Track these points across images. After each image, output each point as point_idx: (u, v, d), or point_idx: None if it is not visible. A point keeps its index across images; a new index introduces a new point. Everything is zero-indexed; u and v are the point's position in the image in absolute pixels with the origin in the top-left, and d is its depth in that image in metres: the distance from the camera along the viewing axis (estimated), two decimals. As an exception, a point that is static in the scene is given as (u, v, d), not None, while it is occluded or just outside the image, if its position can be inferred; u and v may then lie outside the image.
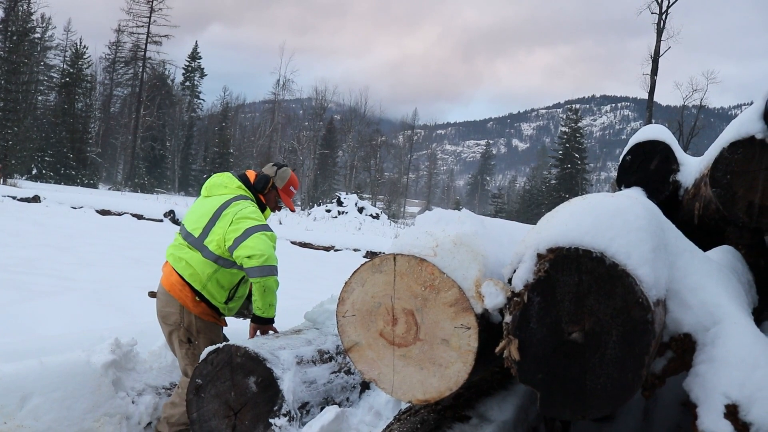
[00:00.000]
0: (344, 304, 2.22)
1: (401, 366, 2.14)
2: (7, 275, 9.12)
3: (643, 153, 3.97)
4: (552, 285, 1.75)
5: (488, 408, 2.61)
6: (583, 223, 1.77)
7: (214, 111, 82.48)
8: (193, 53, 74.25)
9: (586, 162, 67.08)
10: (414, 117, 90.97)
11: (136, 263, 12.09)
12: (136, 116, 65.73)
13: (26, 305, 7.36)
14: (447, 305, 2.04)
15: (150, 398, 4.06)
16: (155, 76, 69.15)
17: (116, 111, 73.82)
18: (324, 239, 20.15)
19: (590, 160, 73.62)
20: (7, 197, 23.51)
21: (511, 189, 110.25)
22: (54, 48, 66.82)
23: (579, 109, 74.56)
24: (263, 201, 4.28)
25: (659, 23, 38.64)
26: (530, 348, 1.80)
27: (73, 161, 53.89)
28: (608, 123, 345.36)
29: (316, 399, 3.41)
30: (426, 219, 2.29)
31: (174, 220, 22.56)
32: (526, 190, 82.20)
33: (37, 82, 58.85)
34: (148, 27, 67.22)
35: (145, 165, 63.93)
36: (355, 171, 74.29)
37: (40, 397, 3.45)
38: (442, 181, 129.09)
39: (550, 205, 61.73)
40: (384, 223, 39.28)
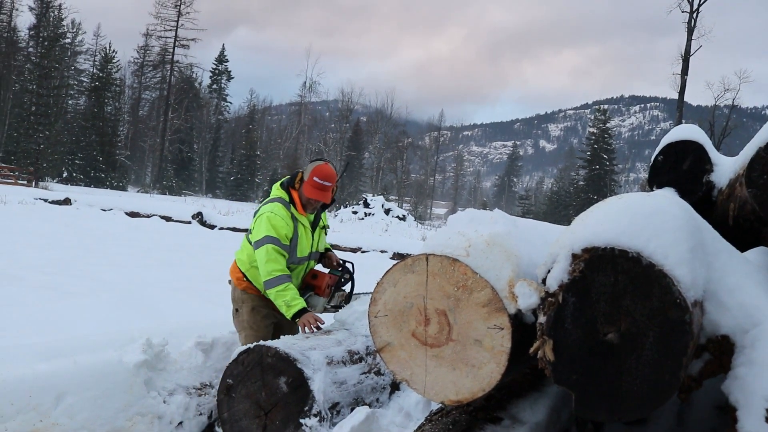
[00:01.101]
0: (376, 304, 2.22)
1: (433, 366, 2.14)
2: (39, 276, 9.26)
3: (676, 153, 3.91)
4: (587, 285, 1.74)
5: (520, 409, 2.60)
6: (619, 223, 1.75)
7: (241, 113, 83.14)
8: (220, 56, 74.89)
9: (615, 163, 66.36)
10: (440, 118, 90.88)
11: (164, 265, 12.22)
12: (164, 119, 66.45)
13: (58, 305, 7.47)
14: (480, 305, 2.03)
15: (181, 398, 4.07)
16: (183, 80, 69.83)
17: (144, 114, 74.67)
18: (351, 241, 20.16)
19: (619, 161, 72.79)
20: (39, 200, 23.89)
21: (538, 190, 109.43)
22: (84, 53, 67.98)
23: (607, 110, 73.83)
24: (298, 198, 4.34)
25: (690, 22, 38.12)
26: (565, 349, 1.78)
27: (103, 164, 54.58)
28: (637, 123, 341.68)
29: (347, 400, 3.41)
30: (458, 219, 2.28)
31: (202, 221, 22.69)
32: (554, 191, 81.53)
33: (68, 87, 59.80)
34: (176, 31, 67.96)
35: (173, 167, 64.55)
36: (381, 173, 74.32)
37: (74, 395, 3.49)
38: (469, 182, 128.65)
39: (578, 207, 61.37)
40: (410, 224, 39.23)
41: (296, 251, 4.29)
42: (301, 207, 4.29)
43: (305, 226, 4.32)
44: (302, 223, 4.30)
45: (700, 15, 38.06)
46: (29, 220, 17.28)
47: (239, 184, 66.25)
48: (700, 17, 38.11)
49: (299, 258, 4.31)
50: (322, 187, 4.20)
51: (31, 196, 24.48)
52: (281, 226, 4.17)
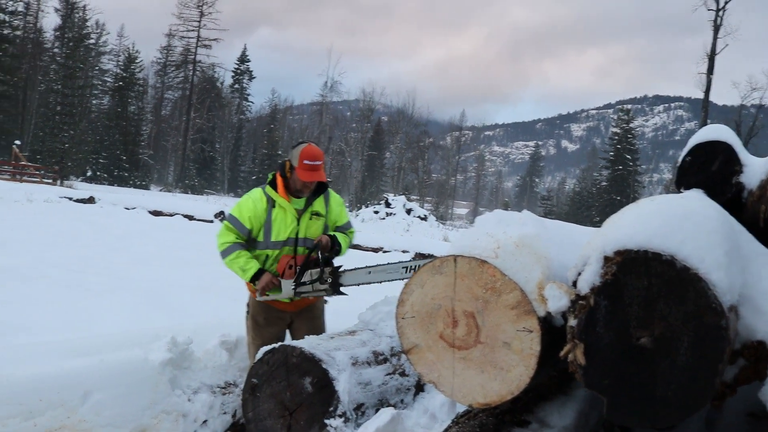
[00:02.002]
0: (403, 305, 2.21)
1: (461, 369, 2.12)
2: (64, 274, 9.36)
3: (704, 154, 3.85)
4: (620, 288, 1.71)
5: (547, 413, 2.57)
6: (651, 225, 1.72)
7: (263, 113, 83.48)
8: (242, 56, 75.24)
9: (638, 164, 65.64)
10: (462, 118, 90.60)
11: (187, 263, 12.27)
12: (186, 119, 66.92)
13: (83, 303, 7.55)
14: (509, 308, 2.01)
15: (205, 396, 4.10)
16: (205, 79, 70.28)
17: (167, 114, 75.24)
18: (372, 241, 20.15)
19: (642, 162, 72.07)
20: (64, 198, 24.14)
21: (560, 191, 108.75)
22: (108, 53, 68.69)
23: (631, 110, 73.10)
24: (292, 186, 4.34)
25: (716, 20, 37.63)
26: (596, 353, 1.76)
27: (126, 163, 55.07)
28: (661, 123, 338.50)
29: (371, 400, 3.40)
30: (486, 220, 2.27)
31: (224, 221, 22.80)
32: (576, 192, 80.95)
33: (92, 87, 60.44)
34: (198, 31, 68.42)
35: (195, 166, 64.96)
36: (402, 172, 74.26)
37: (101, 393, 3.52)
38: (490, 182, 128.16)
39: (601, 208, 60.95)
40: (432, 224, 39.11)
41: (270, 234, 4.26)
42: (283, 191, 4.26)
43: (285, 209, 4.25)
44: (282, 206, 4.25)
45: (726, 13, 37.59)
46: (54, 218, 17.46)
47: (261, 183, 66.16)
48: (726, 15, 37.63)
49: (274, 242, 4.26)
50: (313, 167, 4.16)
51: (56, 194, 24.74)
52: (247, 208, 4.28)
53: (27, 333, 6.00)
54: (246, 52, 75.46)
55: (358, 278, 4.15)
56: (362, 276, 4.13)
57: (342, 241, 4.36)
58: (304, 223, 4.30)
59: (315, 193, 4.37)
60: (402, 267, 3.87)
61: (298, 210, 4.30)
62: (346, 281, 4.18)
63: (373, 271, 4.08)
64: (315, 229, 4.34)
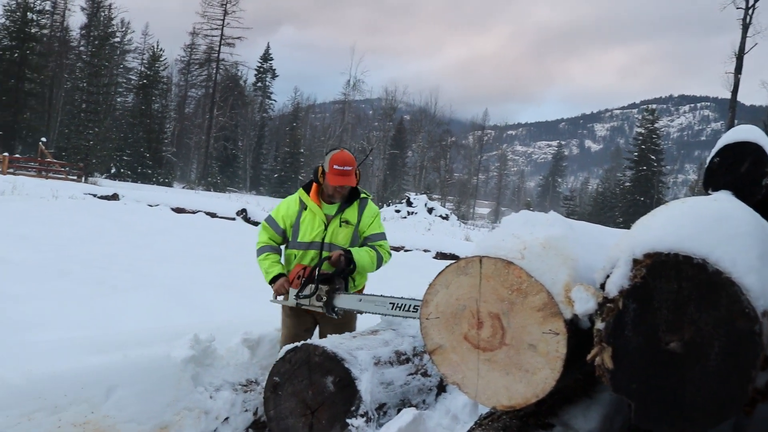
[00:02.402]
0: (428, 306, 2.20)
1: (486, 370, 2.10)
2: (88, 270, 9.45)
3: (733, 155, 3.78)
4: (649, 292, 1.68)
5: (572, 416, 2.54)
6: (683, 227, 1.69)
7: (285, 111, 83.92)
8: (265, 54, 75.68)
9: (663, 164, 65.00)
10: (484, 117, 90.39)
11: (210, 260, 12.34)
12: (209, 117, 67.40)
13: (106, 300, 7.61)
14: (535, 310, 1.98)
15: (227, 394, 4.10)
16: (228, 78, 70.72)
17: (191, 111, 75.83)
18: (394, 239, 20.00)
19: (667, 162, 71.29)
20: (89, 195, 24.38)
21: (583, 191, 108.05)
22: (132, 51, 69.50)
23: (656, 110, 72.49)
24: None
25: (745, 18, 37.05)
26: (625, 356, 1.73)
27: (150, 160, 55.54)
28: (687, 124, 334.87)
29: (393, 400, 3.39)
30: (512, 221, 2.24)
31: (246, 218, 22.90)
32: (599, 192, 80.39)
33: (117, 84, 61.14)
34: (222, 29, 68.85)
35: (217, 164, 65.38)
36: (424, 171, 74.21)
37: (124, 389, 3.54)
38: (513, 182, 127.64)
39: (624, 208, 60.46)
40: (453, 224, 39.04)
41: (297, 235, 4.41)
42: (315, 195, 4.37)
43: (314, 213, 4.35)
44: (311, 210, 4.36)
45: (756, 11, 36.98)
46: (79, 215, 17.63)
47: (283, 181, 66.81)
48: (756, 13, 37.03)
49: (299, 243, 4.39)
50: (343, 173, 4.23)
51: (80, 191, 25.00)
52: (281, 208, 4.51)
53: (51, 329, 6.05)
54: (269, 50, 75.97)
55: (349, 303, 4.15)
56: (354, 302, 4.13)
57: (359, 259, 4.26)
58: (331, 229, 4.33)
59: (349, 200, 4.40)
60: (389, 303, 3.85)
61: (328, 215, 4.36)
62: (339, 303, 4.17)
63: (364, 300, 4.08)
64: (343, 237, 4.35)
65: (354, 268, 4.26)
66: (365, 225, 4.44)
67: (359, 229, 4.43)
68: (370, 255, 4.33)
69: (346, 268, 4.22)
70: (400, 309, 3.75)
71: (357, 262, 4.23)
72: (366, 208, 4.47)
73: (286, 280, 4.38)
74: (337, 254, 4.22)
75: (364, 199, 4.49)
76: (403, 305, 3.75)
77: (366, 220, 4.44)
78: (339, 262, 4.19)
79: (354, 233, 4.40)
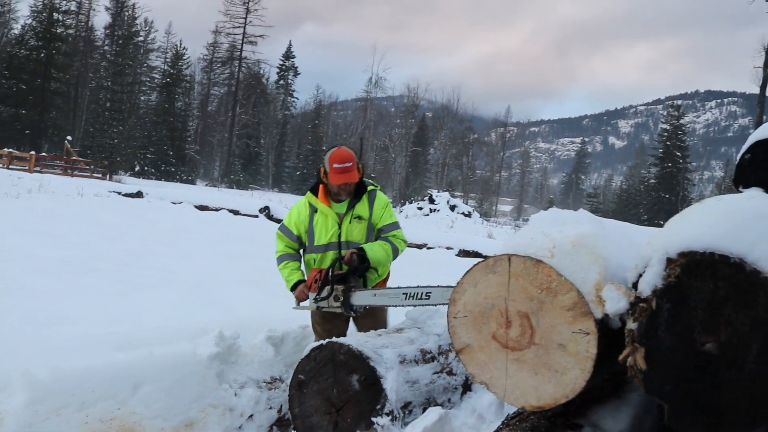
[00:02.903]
0: (456, 304, 2.17)
1: (514, 370, 2.08)
2: (113, 267, 9.54)
3: (765, 151, 3.71)
4: (684, 291, 1.65)
5: (600, 417, 2.50)
6: (719, 226, 1.65)
7: (308, 109, 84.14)
8: (287, 52, 75.95)
9: (689, 161, 64.23)
10: (507, 114, 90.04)
11: (233, 258, 12.41)
12: (232, 114, 67.71)
13: (131, 296, 7.69)
14: (564, 309, 1.96)
15: (252, 391, 4.11)
16: (251, 76, 71.00)
17: (213, 109, 76.23)
18: (416, 237, 20.08)
19: (693, 159, 70.41)
20: (113, 192, 24.66)
21: (607, 188, 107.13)
22: (156, 50, 70.20)
23: (681, 105, 71.58)
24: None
25: (774, 12, 36.44)
26: (658, 357, 1.70)
27: (173, 158, 55.95)
28: (713, 119, 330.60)
29: (419, 399, 3.37)
30: (541, 219, 2.21)
31: (269, 216, 22.98)
32: (623, 189, 79.67)
33: (140, 83, 61.63)
34: (244, 28, 69.08)
35: (240, 162, 65.71)
36: (446, 168, 74.02)
37: (150, 385, 3.56)
38: (535, 179, 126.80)
39: (649, 206, 59.84)
40: (476, 221, 38.89)
41: (313, 239, 4.39)
42: (323, 196, 4.35)
43: (325, 214, 4.33)
44: (322, 211, 4.34)
45: (787, 4, 36.31)
46: (104, 212, 17.83)
47: (305, 178, 67.00)
48: (786, 7, 36.36)
49: (317, 246, 4.38)
50: (343, 170, 4.21)
51: (105, 188, 25.29)
52: (293, 214, 4.51)
53: (78, 324, 6.12)
54: (291, 48, 76.30)
55: (365, 299, 4.14)
56: (368, 298, 4.13)
57: (373, 255, 4.23)
58: (345, 227, 4.32)
59: (357, 195, 4.37)
60: (402, 293, 3.87)
61: (339, 214, 4.34)
62: (356, 301, 4.16)
63: (378, 294, 4.09)
64: (358, 232, 4.33)
65: (368, 265, 4.23)
66: (377, 217, 4.40)
67: (372, 221, 4.40)
68: (384, 248, 4.30)
69: (360, 265, 4.19)
70: (412, 298, 3.79)
71: (371, 258, 4.19)
72: (376, 200, 4.43)
73: (306, 286, 4.40)
74: (349, 253, 4.19)
75: (372, 191, 4.46)
76: (415, 294, 3.78)
77: (377, 212, 4.40)
78: (352, 261, 4.18)
79: (368, 227, 4.38)
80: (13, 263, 8.66)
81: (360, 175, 4.34)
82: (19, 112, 47.64)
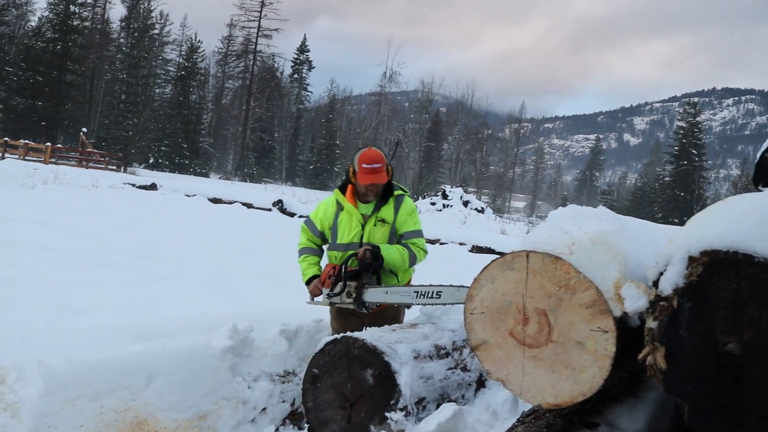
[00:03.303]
0: (473, 300, 2.16)
1: (531, 368, 2.06)
2: (128, 259, 9.59)
3: (786, 150, 3.67)
4: (706, 290, 1.62)
5: (617, 416, 2.48)
6: (743, 224, 1.62)
7: (321, 103, 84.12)
8: (302, 46, 75.90)
9: (705, 159, 63.75)
10: (521, 110, 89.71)
11: (246, 251, 12.44)
12: (246, 108, 67.88)
13: (145, 288, 7.72)
14: (583, 306, 1.94)
15: (265, 384, 4.11)
16: (265, 69, 71.11)
17: (227, 103, 76.46)
18: (429, 232, 19.94)
19: (709, 157, 69.92)
20: (127, 185, 24.78)
21: (621, 186, 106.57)
22: (171, 43, 70.53)
23: (698, 103, 71.04)
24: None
25: (791, 11, 36.03)
26: (679, 357, 1.67)
27: (187, 151, 56.17)
28: (730, 117, 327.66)
29: (433, 395, 3.36)
30: (559, 216, 2.19)
31: (282, 209, 23.01)
32: (638, 187, 79.26)
33: (155, 76, 61.98)
34: (259, 21, 69.18)
35: (254, 155, 65.86)
36: (460, 164, 73.88)
37: (164, 377, 3.57)
38: (549, 176, 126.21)
39: (664, 204, 59.50)
40: (489, 217, 38.77)
41: (336, 236, 4.41)
42: (351, 195, 4.35)
43: (351, 213, 4.33)
44: (348, 210, 4.34)
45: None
46: (118, 204, 17.93)
47: (318, 173, 67.13)
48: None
49: (338, 244, 4.39)
50: (372, 170, 4.19)
51: (120, 180, 25.42)
52: (320, 209, 4.54)
53: (93, 315, 6.16)
54: (305, 42, 76.17)
55: (377, 296, 4.13)
56: (381, 295, 4.12)
57: (388, 255, 4.21)
58: (368, 229, 4.31)
59: (384, 197, 4.35)
60: (413, 291, 3.87)
61: (364, 215, 4.33)
62: (368, 298, 4.14)
63: (390, 292, 4.08)
64: (380, 236, 4.32)
65: (381, 263, 4.20)
66: (401, 222, 4.37)
67: (396, 226, 4.37)
68: (401, 252, 4.27)
69: (373, 262, 4.17)
70: (424, 296, 3.79)
71: (385, 257, 4.17)
72: (402, 205, 4.40)
73: (320, 281, 4.43)
74: (363, 249, 4.18)
75: (400, 196, 4.43)
76: (426, 292, 3.78)
77: (401, 218, 4.37)
78: (365, 257, 4.16)
79: (391, 231, 4.36)
80: (29, 254, 8.72)
81: (389, 177, 4.32)
82: (36, 104, 48.00)
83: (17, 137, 38.85)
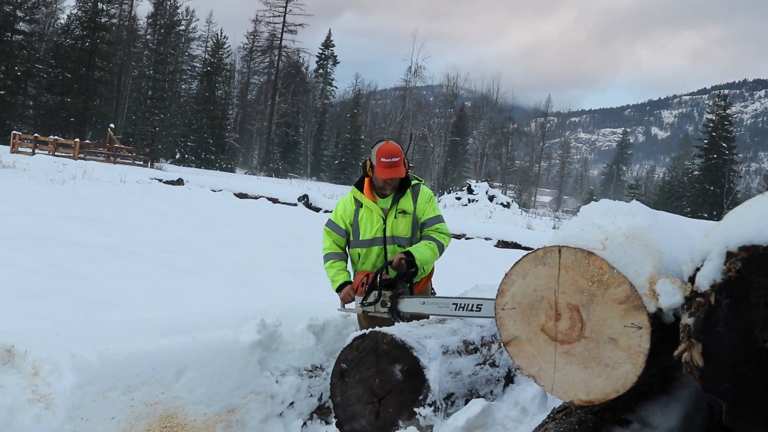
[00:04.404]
0: (504, 296, 2.14)
1: (563, 364, 2.04)
2: (156, 253, 9.68)
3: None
4: (744, 287, 1.59)
5: (650, 413, 2.45)
6: (783, 219, 1.59)
7: (346, 98, 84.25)
8: (327, 41, 76.02)
9: (735, 152, 62.72)
10: (547, 104, 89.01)
11: (272, 246, 12.49)
12: (271, 103, 68.15)
13: (173, 282, 7.78)
14: (616, 302, 1.91)
15: (293, 379, 4.12)
16: (290, 64, 71.32)
17: (253, 98, 76.83)
18: (455, 227, 19.95)
19: (739, 151, 68.82)
20: (155, 180, 25.06)
21: (649, 180, 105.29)
22: (197, 39, 71.01)
23: (728, 95, 69.94)
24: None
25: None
26: (716, 354, 1.64)
27: (213, 146, 56.54)
28: (762, 109, 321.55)
29: (461, 390, 3.34)
30: (592, 210, 2.16)
31: (308, 204, 23.09)
32: (666, 181, 78.35)
33: (181, 72, 62.43)
34: (284, 16, 69.34)
35: (279, 150, 66.13)
36: (485, 159, 73.56)
37: (193, 371, 3.59)
38: (575, 170, 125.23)
39: (693, 198, 58.73)
40: (515, 212, 38.58)
41: (358, 233, 4.39)
42: (368, 191, 4.34)
43: (371, 209, 4.32)
44: (367, 206, 4.33)
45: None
46: (146, 199, 18.11)
47: (343, 167, 67.21)
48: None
49: (362, 240, 4.37)
50: (390, 164, 4.19)
51: (147, 176, 25.72)
52: (339, 209, 4.50)
53: (123, 309, 6.23)
54: (330, 37, 76.32)
55: (413, 307, 4.09)
56: (417, 305, 4.08)
57: (420, 257, 4.17)
58: (390, 222, 4.31)
59: (401, 189, 4.36)
60: (452, 303, 3.82)
61: (384, 209, 4.33)
62: (404, 308, 4.11)
63: (427, 303, 4.05)
64: (403, 227, 4.32)
65: (416, 271, 4.19)
66: (421, 211, 4.38)
67: (416, 215, 4.38)
68: (430, 247, 4.25)
69: (409, 270, 4.15)
70: (463, 309, 3.72)
71: (419, 261, 4.15)
72: (420, 194, 4.41)
73: (352, 288, 4.38)
74: (398, 258, 4.15)
75: (417, 185, 4.44)
76: (465, 305, 3.72)
77: (421, 206, 4.38)
78: (400, 267, 4.13)
79: (413, 221, 4.36)
80: (59, 248, 8.84)
81: (406, 170, 4.32)
82: (65, 100, 48.71)
83: (47, 133, 39.37)
